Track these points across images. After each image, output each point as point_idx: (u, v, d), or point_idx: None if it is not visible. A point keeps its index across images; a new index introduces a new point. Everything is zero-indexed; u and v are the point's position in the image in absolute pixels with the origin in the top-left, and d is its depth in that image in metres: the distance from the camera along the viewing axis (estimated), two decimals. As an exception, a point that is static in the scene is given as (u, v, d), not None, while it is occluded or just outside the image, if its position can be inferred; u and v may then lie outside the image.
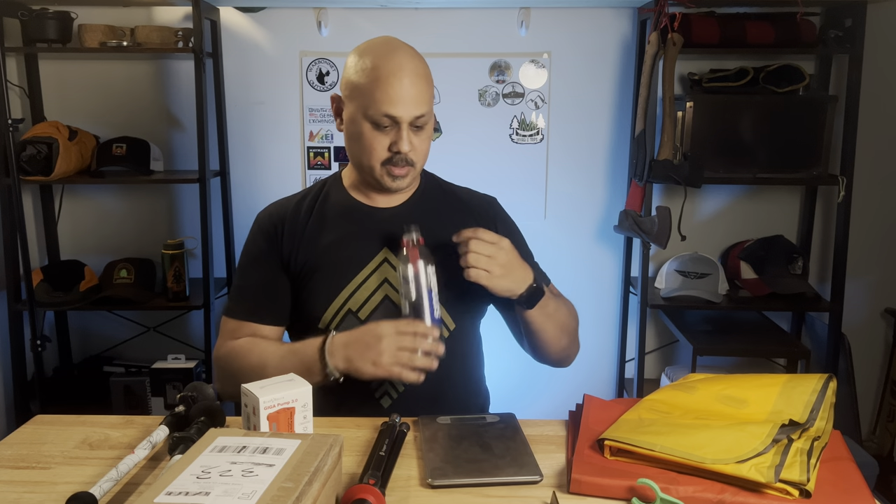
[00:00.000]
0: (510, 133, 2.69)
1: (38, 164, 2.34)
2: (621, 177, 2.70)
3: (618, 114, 2.68)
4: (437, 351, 1.15)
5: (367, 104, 1.22)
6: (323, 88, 2.65)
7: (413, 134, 1.24)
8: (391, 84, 1.20)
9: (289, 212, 1.36)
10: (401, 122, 1.22)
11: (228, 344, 1.31)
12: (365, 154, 1.26)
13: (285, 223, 1.34)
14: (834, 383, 1.10)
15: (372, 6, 2.58)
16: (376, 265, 1.30)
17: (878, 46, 2.50)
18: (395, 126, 1.23)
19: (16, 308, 2.45)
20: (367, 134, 1.24)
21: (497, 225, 1.39)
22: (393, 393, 1.29)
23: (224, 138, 2.63)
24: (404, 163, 1.25)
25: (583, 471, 0.94)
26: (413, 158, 1.26)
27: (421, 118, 1.24)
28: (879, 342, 2.80)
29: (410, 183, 1.32)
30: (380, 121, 1.22)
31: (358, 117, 1.25)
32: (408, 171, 1.27)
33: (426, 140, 1.29)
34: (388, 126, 1.23)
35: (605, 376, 2.87)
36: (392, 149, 1.24)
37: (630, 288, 2.72)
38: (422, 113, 1.23)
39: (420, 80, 1.23)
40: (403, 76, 1.21)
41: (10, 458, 1.03)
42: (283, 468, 0.79)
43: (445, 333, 1.29)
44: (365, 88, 1.22)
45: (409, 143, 1.24)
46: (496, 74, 2.64)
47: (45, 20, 2.38)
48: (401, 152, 1.24)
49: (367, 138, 1.24)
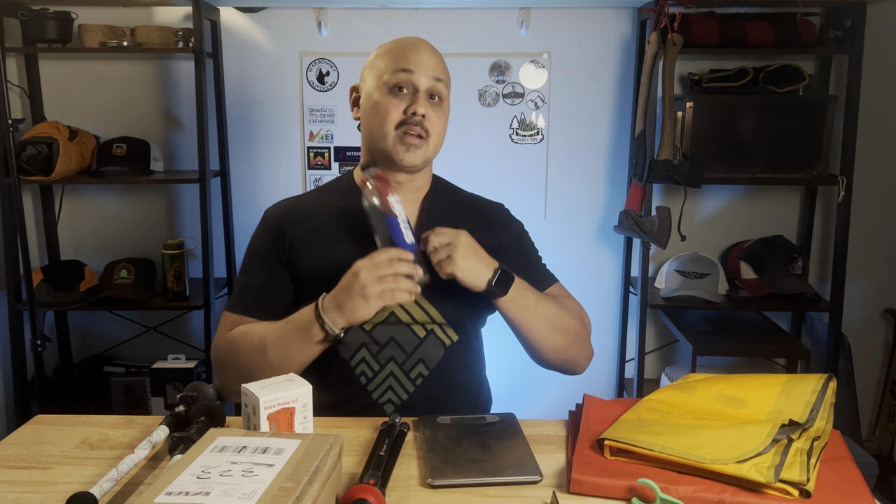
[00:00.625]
0: (510, 133, 2.69)
1: (38, 164, 2.34)
2: (621, 177, 2.70)
3: (618, 114, 2.68)
4: (417, 273, 1.14)
5: (384, 70, 1.26)
6: (323, 88, 2.65)
7: (429, 104, 1.25)
8: (409, 50, 1.26)
9: (297, 213, 1.34)
10: (418, 85, 1.24)
11: (227, 334, 1.30)
12: (379, 121, 1.25)
13: (292, 224, 1.32)
14: (834, 383, 1.10)
15: (372, 6, 2.58)
16: None
17: (878, 46, 2.50)
18: (412, 92, 1.25)
19: (16, 308, 2.46)
20: (382, 101, 1.25)
21: (505, 230, 1.38)
22: (396, 400, 1.28)
23: (224, 138, 2.63)
24: (419, 129, 1.24)
25: (583, 471, 0.94)
26: (428, 127, 1.25)
27: (438, 84, 1.26)
28: (879, 342, 2.80)
29: (423, 163, 1.29)
30: (397, 80, 1.24)
31: (375, 87, 1.27)
32: (421, 142, 1.25)
33: (442, 117, 1.28)
34: (404, 91, 1.25)
35: (605, 376, 2.87)
36: (407, 111, 1.24)
37: (630, 288, 2.73)
38: (439, 76, 1.26)
39: (437, 56, 1.28)
40: (421, 46, 1.27)
41: (10, 458, 1.03)
42: (283, 468, 0.79)
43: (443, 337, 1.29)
44: (383, 60, 1.27)
45: (426, 108, 1.24)
46: (496, 74, 2.64)
47: (45, 20, 2.38)
48: (416, 114, 1.23)
49: (383, 103, 1.25)
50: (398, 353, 1.28)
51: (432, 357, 1.29)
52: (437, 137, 1.29)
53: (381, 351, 1.28)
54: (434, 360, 1.29)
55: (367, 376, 1.28)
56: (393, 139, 1.25)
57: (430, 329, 1.29)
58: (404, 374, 1.28)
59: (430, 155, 1.29)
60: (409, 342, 1.28)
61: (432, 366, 1.29)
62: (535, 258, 1.43)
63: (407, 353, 1.28)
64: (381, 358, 1.28)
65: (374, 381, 1.28)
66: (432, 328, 1.29)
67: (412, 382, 1.28)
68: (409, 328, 1.28)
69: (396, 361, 1.28)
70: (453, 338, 1.30)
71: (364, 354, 1.28)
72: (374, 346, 1.28)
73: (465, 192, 1.44)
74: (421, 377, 1.29)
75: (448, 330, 1.30)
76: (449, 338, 1.30)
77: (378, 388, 1.28)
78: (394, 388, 1.28)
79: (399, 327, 1.28)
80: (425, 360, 1.29)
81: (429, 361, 1.29)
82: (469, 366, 1.37)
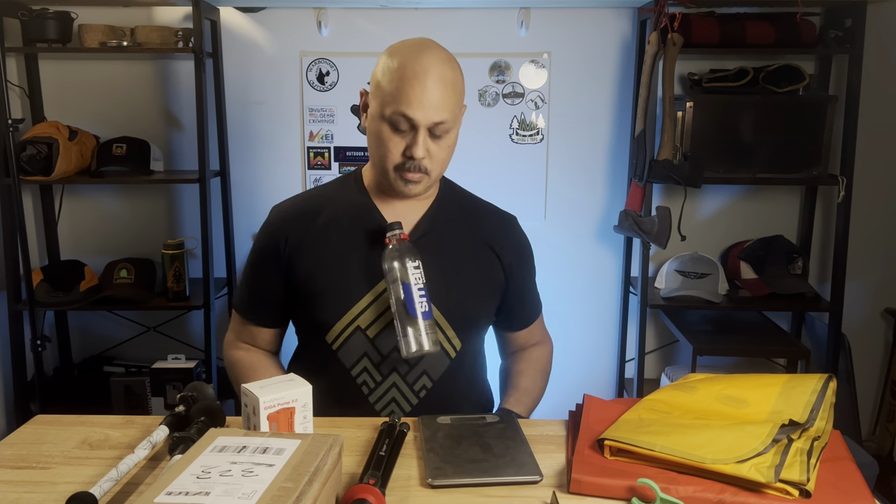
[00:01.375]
0: (510, 133, 2.69)
1: (38, 164, 2.34)
2: (621, 177, 2.70)
3: (618, 114, 2.68)
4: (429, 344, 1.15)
5: (387, 103, 1.18)
6: (323, 88, 2.65)
7: (431, 141, 1.19)
8: (412, 86, 1.15)
9: (301, 214, 1.31)
10: (418, 126, 1.17)
11: (233, 353, 1.37)
12: (380, 155, 1.22)
13: (296, 225, 1.29)
14: (834, 383, 1.10)
15: (372, 6, 2.58)
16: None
17: (878, 46, 2.50)
18: (412, 130, 1.18)
19: (16, 308, 2.45)
20: (384, 135, 1.19)
21: (510, 244, 1.35)
22: (399, 412, 1.26)
23: (224, 138, 2.63)
24: (417, 170, 1.20)
25: (583, 471, 0.94)
26: (427, 166, 1.20)
27: (441, 125, 1.18)
28: (879, 342, 2.80)
29: (425, 191, 1.26)
30: (397, 122, 1.17)
31: (378, 116, 1.20)
32: (421, 177, 1.22)
33: (445, 149, 1.23)
34: (405, 130, 1.18)
35: (605, 376, 2.87)
36: (406, 153, 1.19)
37: (630, 288, 2.72)
38: (441, 120, 1.17)
39: (445, 86, 1.17)
40: (427, 79, 1.16)
41: (10, 458, 1.03)
42: (283, 468, 0.79)
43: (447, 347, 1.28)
44: (387, 88, 1.18)
45: (425, 150, 1.18)
46: (496, 74, 2.64)
47: (45, 20, 2.38)
48: (414, 158, 1.18)
49: (384, 140, 1.20)
50: (401, 364, 1.25)
51: (436, 368, 1.27)
52: (440, 166, 1.24)
53: (384, 361, 1.26)
54: (438, 371, 1.27)
55: (370, 386, 1.26)
56: (393, 176, 1.22)
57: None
58: (407, 385, 1.26)
59: (432, 182, 1.26)
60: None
61: (436, 377, 1.27)
62: (532, 285, 1.42)
63: (410, 364, 1.26)
64: (384, 368, 1.26)
65: (376, 392, 1.26)
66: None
67: (416, 395, 1.27)
68: None
69: (399, 373, 1.26)
70: (457, 347, 1.28)
71: (366, 364, 1.26)
72: (377, 356, 1.25)
73: (475, 198, 1.40)
74: (424, 389, 1.27)
75: (454, 340, 1.28)
76: (454, 348, 1.28)
77: (381, 400, 1.26)
78: (397, 401, 1.26)
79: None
80: (429, 371, 1.27)
81: (432, 373, 1.27)
82: (472, 375, 1.36)
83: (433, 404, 1.26)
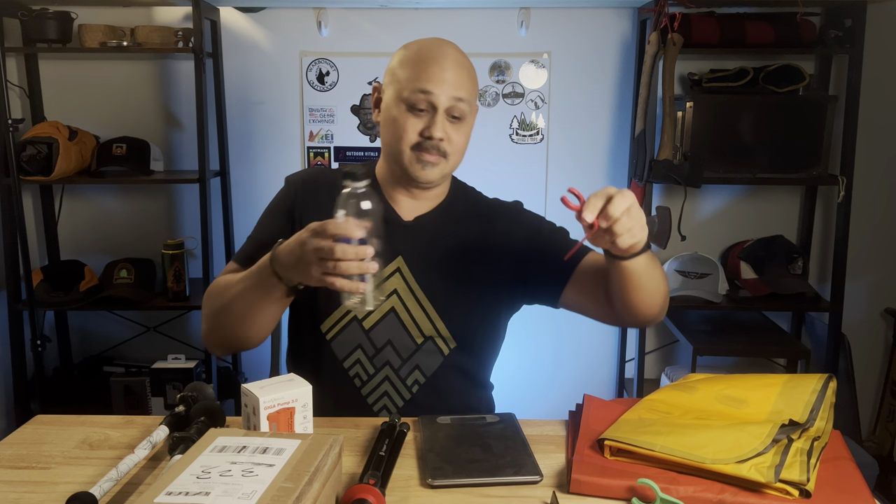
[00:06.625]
0: (510, 133, 2.69)
1: (38, 164, 2.34)
2: (621, 177, 2.70)
3: (618, 114, 2.68)
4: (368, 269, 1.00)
5: (404, 85, 1.18)
6: (323, 88, 2.65)
7: (449, 123, 1.19)
8: (430, 65, 1.18)
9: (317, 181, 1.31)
10: (437, 105, 1.17)
11: (216, 280, 1.28)
12: (396, 138, 1.20)
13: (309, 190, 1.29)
14: (834, 383, 1.10)
15: (372, 6, 2.58)
16: (386, 276, 1.25)
17: (878, 46, 2.50)
18: (431, 111, 1.18)
19: (16, 308, 2.45)
20: (400, 117, 1.19)
21: (520, 224, 1.33)
22: (392, 407, 1.26)
23: (224, 138, 2.63)
24: (436, 150, 1.19)
25: (583, 471, 0.94)
26: (446, 149, 1.20)
27: (460, 104, 1.19)
28: (879, 342, 2.80)
29: (440, 178, 1.25)
30: (416, 101, 1.17)
31: (394, 101, 1.20)
32: (438, 160, 1.20)
33: (463, 134, 1.23)
34: (423, 109, 1.18)
35: (605, 376, 2.87)
36: (424, 133, 1.19)
37: (630, 288, 2.72)
38: (460, 96, 1.18)
39: (462, 69, 1.20)
40: (445, 60, 1.18)
41: (10, 458, 1.03)
42: (283, 468, 0.79)
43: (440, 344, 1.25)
44: (404, 73, 1.19)
45: (443, 131, 1.18)
46: (496, 74, 2.64)
47: (45, 20, 2.38)
48: (433, 138, 1.18)
49: (401, 122, 1.19)
50: (394, 358, 1.25)
51: (429, 365, 1.26)
52: (457, 154, 1.24)
53: (378, 354, 1.25)
54: (430, 367, 1.26)
55: (362, 379, 1.26)
56: (409, 157, 1.20)
57: (429, 336, 1.26)
58: (400, 380, 1.26)
59: (448, 171, 1.25)
60: (405, 347, 1.26)
61: (428, 374, 1.26)
62: (561, 237, 1.33)
63: (403, 358, 1.25)
64: (377, 361, 1.25)
65: (369, 385, 1.26)
66: (432, 335, 1.26)
67: (408, 389, 1.26)
68: (408, 332, 1.25)
69: (392, 366, 1.26)
70: (451, 345, 1.27)
71: (359, 356, 1.26)
72: (371, 349, 1.25)
73: (485, 197, 1.39)
74: (417, 384, 1.26)
75: (447, 338, 1.26)
76: (447, 346, 1.27)
77: (373, 393, 1.26)
78: (389, 395, 1.26)
79: (398, 329, 1.25)
80: (421, 367, 1.26)
81: (425, 369, 1.26)
82: (469, 376, 1.33)
83: (425, 400, 1.25)
